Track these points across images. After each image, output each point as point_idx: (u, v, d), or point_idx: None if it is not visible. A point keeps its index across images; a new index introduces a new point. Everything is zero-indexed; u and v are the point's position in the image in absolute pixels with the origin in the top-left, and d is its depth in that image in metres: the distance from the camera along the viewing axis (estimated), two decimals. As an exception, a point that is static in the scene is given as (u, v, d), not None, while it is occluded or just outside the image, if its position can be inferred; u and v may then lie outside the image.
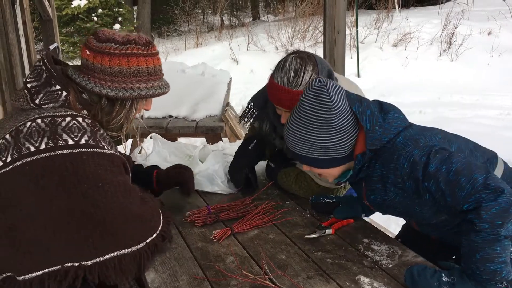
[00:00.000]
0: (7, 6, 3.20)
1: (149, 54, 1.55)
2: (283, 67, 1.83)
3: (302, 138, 1.53)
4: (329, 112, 1.48)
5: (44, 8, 4.83)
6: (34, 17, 6.61)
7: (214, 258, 1.59)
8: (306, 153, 1.55)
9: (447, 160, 1.36)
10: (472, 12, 11.44)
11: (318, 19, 11.01)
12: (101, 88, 1.49)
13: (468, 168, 1.33)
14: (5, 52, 3.24)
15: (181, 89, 4.16)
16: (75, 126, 1.42)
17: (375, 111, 1.53)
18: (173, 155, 2.39)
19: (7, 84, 3.26)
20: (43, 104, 1.47)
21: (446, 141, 1.53)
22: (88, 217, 1.38)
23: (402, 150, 1.45)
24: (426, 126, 1.62)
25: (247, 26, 12.99)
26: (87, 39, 1.54)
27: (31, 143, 1.38)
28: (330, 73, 1.91)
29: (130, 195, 1.47)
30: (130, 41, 1.51)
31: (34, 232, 1.35)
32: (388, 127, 1.51)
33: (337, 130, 1.50)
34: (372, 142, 1.50)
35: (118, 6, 12.33)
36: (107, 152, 1.45)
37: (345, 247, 1.65)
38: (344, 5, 3.37)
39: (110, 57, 1.49)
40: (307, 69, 1.80)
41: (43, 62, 1.51)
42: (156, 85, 1.58)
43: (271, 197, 2.09)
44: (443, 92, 7.64)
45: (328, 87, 1.49)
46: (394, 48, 9.83)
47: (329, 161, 1.56)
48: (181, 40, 13.59)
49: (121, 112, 1.56)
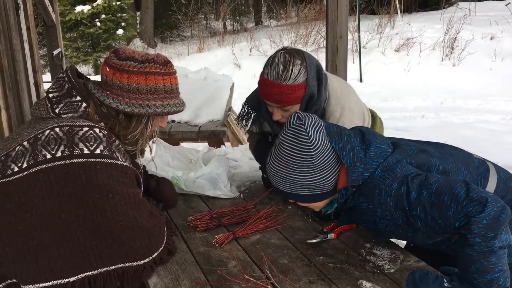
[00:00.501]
0: (11, 12, 3.22)
1: (167, 73, 1.58)
2: (272, 62, 1.86)
3: (284, 176, 1.52)
4: (309, 152, 1.46)
5: (48, 14, 4.86)
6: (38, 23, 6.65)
7: (216, 262, 1.60)
8: (289, 190, 1.55)
9: (425, 183, 1.37)
10: (474, 17, 11.45)
11: (320, 24, 11.04)
12: (118, 104, 1.52)
13: (448, 185, 1.33)
14: (9, 57, 3.25)
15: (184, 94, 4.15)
16: (91, 136, 1.45)
17: (356, 144, 1.50)
18: (176, 159, 2.40)
19: (11, 89, 3.28)
20: (63, 113, 1.50)
21: (430, 163, 1.50)
22: (96, 227, 1.39)
23: (382, 184, 1.44)
24: (409, 144, 1.56)
25: (249, 31, 13.05)
26: (108, 57, 1.58)
27: (47, 150, 1.40)
28: (319, 68, 1.93)
29: (140, 208, 1.48)
30: (149, 60, 1.54)
31: (43, 239, 1.36)
32: (369, 161, 1.48)
33: (318, 169, 1.48)
34: (354, 179, 1.48)
35: (121, 12, 12.38)
36: (120, 164, 1.47)
37: (347, 252, 1.65)
38: (346, 10, 3.38)
39: (129, 75, 1.52)
40: (295, 63, 1.84)
41: (66, 74, 1.55)
42: (172, 103, 1.60)
43: (273, 202, 2.09)
44: (445, 97, 7.64)
45: (306, 126, 1.47)
46: (397, 53, 9.84)
47: (313, 197, 1.55)
48: (184, 45, 13.64)
49: (137, 128, 1.58)
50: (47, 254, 1.36)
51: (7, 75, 3.22)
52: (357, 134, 1.56)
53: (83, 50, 12.15)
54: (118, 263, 1.44)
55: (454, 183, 1.34)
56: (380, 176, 1.45)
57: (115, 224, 1.41)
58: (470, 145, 4.39)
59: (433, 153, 1.55)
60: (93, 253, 1.40)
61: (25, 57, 3.38)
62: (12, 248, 1.35)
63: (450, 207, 1.30)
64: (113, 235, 1.41)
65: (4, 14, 3.16)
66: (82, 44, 12.16)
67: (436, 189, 1.33)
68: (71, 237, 1.38)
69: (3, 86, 3.17)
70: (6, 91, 3.22)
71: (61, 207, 1.37)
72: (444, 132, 5.53)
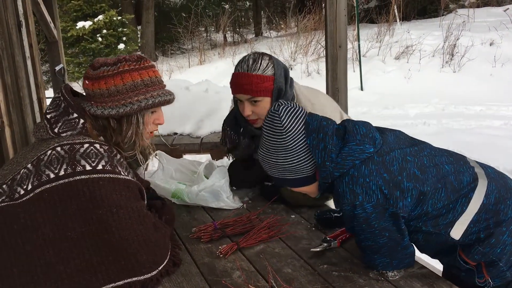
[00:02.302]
0: (14, 29, 3.26)
1: (142, 67, 1.57)
2: (242, 60, 2.05)
3: (268, 161, 1.57)
4: (281, 136, 1.51)
5: (50, 30, 4.91)
6: (40, 39, 6.72)
7: (221, 273, 1.60)
8: (276, 174, 1.59)
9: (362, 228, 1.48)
10: (473, 23, 11.49)
11: (320, 33, 11.10)
12: (102, 110, 1.52)
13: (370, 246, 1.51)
14: (12, 74, 3.28)
15: (186, 106, 4.19)
16: (92, 152, 1.46)
17: (330, 143, 1.49)
18: (179, 172, 2.41)
19: (14, 106, 3.30)
20: (62, 132, 1.51)
21: (409, 178, 1.48)
22: (102, 242, 1.40)
23: (341, 199, 1.49)
24: (392, 154, 1.53)
25: (250, 42, 13.12)
26: (86, 72, 1.59)
27: (50, 170, 1.41)
28: (286, 69, 2.07)
29: (145, 222, 1.49)
30: (121, 60, 1.55)
31: (49, 259, 1.37)
32: (340, 162, 1.49)
33: (293, 152, 1.51)
34: (324, 177, 1.51)
35: (122, 26, 12.48)
36: (123, 178, 1.48)
37: (351, 260, 1.65)
38: (344, 20, 3.41)
39: (105, 80, 1.52)
40: (264, 58, 2.02)
41: (61, 93, 1.57)
42: (156, 94, 1.58)
43: (276, 211, 2.10)
44: (447, 104, 7.65)
45: (280, 111, 1.52)
46: (397, 61, 9.88)
47: (298, 181, 1.57)
48: (184, 58, 13.72)
49: (129, 128, 1.58)
50: (54, 273, 1.37)
51: (10, 91, 3.25)
52: (340, 131, 1.56)
53: (85, 66, 12.22)
54: (125, 278, 1.44)
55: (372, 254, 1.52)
56: (343, 190, 1.48)
57: (120, 239, 1.41)
58: (472, 151, 4.39)
59: (413, 173, 1.50)
60: (100, 270, 1.41)
61: (27, 73, 3.41)
62: (19, 269, 1.36)
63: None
64: (119, 250, 1.42)
65: (7, 31, 3.19)
66: (84, 59, 12.24)
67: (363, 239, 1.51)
68: (77, 255, 1.39)
69: (6, 103, 3.20)
70: (10, 108, 3.24)
71: (66, 226, 1.38)
72: (446, 139, 5.54)
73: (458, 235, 1.50)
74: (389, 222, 1.46)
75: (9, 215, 1.38)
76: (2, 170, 1.56)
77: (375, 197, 1.43)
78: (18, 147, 3.30)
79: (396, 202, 1.45)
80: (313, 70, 9.93)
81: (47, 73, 10.84)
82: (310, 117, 1.57)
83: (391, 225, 1.46)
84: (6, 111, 3.18)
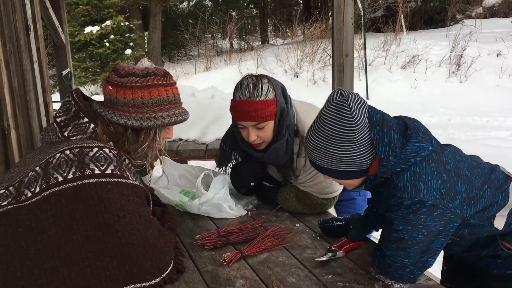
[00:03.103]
0: (22, 33, 3.27)
1: (168, 84, 1.60)
2: (241, 85, 1.99)
3: (323, 151, 1.53)
4: (351, 127, 1.47)
5: (58, 35, 4.94)
6: (47, 43, 6.75)
7: (224, 281, 1.58)
8: (327, 165, 1.56)
9: (412, 228, 1.48)
10: (480, 34, 11.49)
11: (326, 42, 11.11)
12: (126, 120, 1.53)
13: (407, 248, 1.50)
14: (19, 78, 3.30)
15: (191, 112, 4.16)
16: (102, 156, 1.46)
17: (394, 138, 1.50)
18: (183, 178, 2.40)
19: (21, 109, 3.31)
20: (72, 136, 1.51)
21: (456, 179, 1.53)
22: (107, 247, 1.40)
23: (400, 193, 1.48)
24: (449, 151, 1.60)
25: (256, 49, 13.15)
26: (109, 76, 1.59)
27: (59, 173, 1.41)
28: (283, 88, 2.06)
29: (151, 228, 1.48)
30: (150, 74, 1.56)
31: (54, 262, 1.36)
32: (404, 157, 1.49)
33: (358, 144, 1.49)
34: (384, 171, 1.50)
35: (130, 32, 12.57)
36: (131, 183, 1.48)
37: (356, 270, 1.64)
38: (351, 29, 3.41)
39: (132, 90, 1.53)
40: (263, 82, 1.98)
41: (72, 97, 1.57)
42: (177, 112, 1.62)
43: (280, 219, 2.08)
44: (453, 114, 7.63)
45: (349, 101, 1.48)
46: (403, 70, 9.87)
47: (348, 173, 1.56)
48: (191, 64, 13.77)
49: (146, 141, 1.59)
50: (58, 277, 1.36)
51: (17, 95, 3.26)
52: (400, 127, 1.57)
53: (91, 70, 12.31)
54: (129, 284, 1.43)
55: (412, 256, 1.50)
56: (403, 185, 1.48)
57: (126, 244, 1.41)
58: (478, 161, 4.35)
59: (465, 174, 1.55)
60: (104, 275, 1.40)
61: (34, 77, 3.43)
62: (23, 272, 1.35)
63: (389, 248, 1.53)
64: (124, 255, 1.41)
65: (15, 35, 3.21)
66: (91, 64, 12.33)
67: (400, 239, 1.50)
68: (82, 259, 1.38)
69: (12, 106, 3.21)
70: (16, 111, 3.26)
71: (72, 229, 1.37)
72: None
73: (501, 225, 1.58)
74: (434, 221, 1.47)
75: (14, 218, 1.38)
76: (9, 172, 1.56)
77: (435, 195, 1.46)
78: (23, 150, 3.30)
79: (448, 203, 1.48)
80: (319, 78, 9.94)
81: (54, 77, 10.92)
82: (371, 109, 1.56)
83: (435, 224, 1.48)
84: (12, 114, 3.19)
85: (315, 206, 2.10)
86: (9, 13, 3.16)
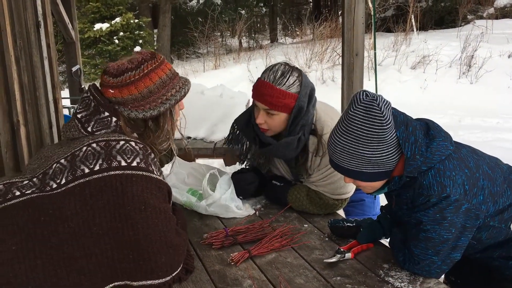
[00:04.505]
0: (32, 29, 3.28)
1: (160, 63, 1.61)
2: (271, 68, 2.01)
3: (351, 152, 1.52)
4: (381, 127, 1.48)
5: (68, 31, 4.95)
6: (57, 40, 6.79)
7: (232, 281, 1.57)
8: (353, 167, 1.55)
9: (439, 225, 1.50)
10: (491, 35, 11.38)
11: (336, 41, 11.07)
12: (144, 113, 1.56)
13: (437, 244, 1.52)
14: (29, 74, 3.31)
15: (200, 110, 4.18)
16: (128, 149, 1.48)
17: (419, 137, 1.52)
18: (191, 176, 2.39)
19: (30, 105, 3.32)
20: (96, 130, 1.53)
21: (479, 174, 1.55)
22: (126, 239, 1.40)
23: (426, 191, 1.49)
24: (465, 150, 1.63)
25: (265, 48, 13.12)
26: (102, 80, 1.58)
27: (86, 165, 1.43)
28: (312, 90, 2.02)
29: (170, 224, 1.49)
30: (141, 62, 1.57)
31: (73, 252, 1.37)
32: (430, 156, 1.50)
33: (388, 145, 1.50)
34: (411, 170, 1.51)
35: (139, 29, 12.60)
36: (155, 177, 1.49)
37: (365, 272, 1.62)
38: (362, 28, 3.38)
39: (134, 84, 1.54)
40: (293, 74, 1.97)
41: (90, 92, 1.58)
42: (182, 84, 1.65)
43: (289, 220, 2.07)
44: (463, 115, 7.56)
45: (378, 101, 1.49)
46: (413, 71, 9.80)
47: (374, 175, 1.56)
48: (200, 62, 13.76)
49: (166, 123, 1.63)
50: (76, 267, 1.37)
51: (27, 91, 3.27)
52: (422, 127, 1.58)
53: (101, 67, 12.34)
54: (141, 280, 1.43)
55: (441, 254, 1.52)
56: (429, 182, 1.49)
57: (144, 237, 1.41)
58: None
59: (486, 171, 1.58)
60: (120, 267, 1.41)
61: (44, 73, 3.43)
62: (43, 261, 1.35)
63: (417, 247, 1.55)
64: (140, 248, 1.41)
65: (25, 31, 3.22)
66: (100, 61, 12.37)
67: (429, 237, 1.51)
68: (100, 250, 1.39)
69: (22, 102, 3.22)
70: (26, 107, 3.26)
71: (93, 220, 1.38)
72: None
73: None
74: (460, 218, 1.49)
75: (38, 207, 1.39)
76: (30, 164, 1.58)
77: (459, 190, 1.48)
78: (32, 147, 3.31)
79: (471, 198, 1.50)
80: (328, 77, 9.90)
81: (63, 74, 10.97)
82: (394, 109, 1.57)
83: (461, 221, 1.49)
84: (22, 110, 3.20)
85: (326, 207, 2.08)
86: (19, 9, 3.17)
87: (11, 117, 3.14)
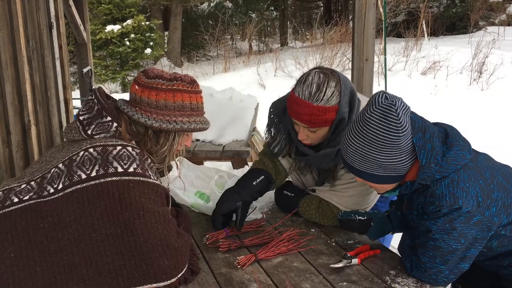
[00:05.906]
0: (45, 31, 3.32)
1: (193, 91, 1.62)
2: (305, 80, 1.79)
3: (363, 154, 1.51)
4: (397, 133, 1.45)
5: (80, 33, 5.00)
6: (69, 41, 6.84)
7: (238, 284, 1.58)
8: (364, 168, 1.54)
9: (448, 236, 1.48)
10: (503, 42, 11.31)
11: (346, 46, 11.04)
12: (146, 119, 1.55)
13: (444, 254, 1.51)
14: (41, 74, 3.34)
15: (209, 113, 4.18)
16: (125, 155, 1.47)
17: (436, 145, 1.49)
18: (199, 179, 2.40)
19: (41, 105, 3.36)
20: (95, 134, 1.53)
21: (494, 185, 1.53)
22: (126, 245, 1.40)
23: (438, 201, 1.47)
24: (482, 158, 1.61)
25: (275, 52, 13.14)
26: (137, 76, 1.63)
27: (82, 171, 1.43)
28: (353, 93, 1.85)
29: (169, 227, 1.49)
30: (177, 78, 1.59)
31: (72, 259, 1.37)
32: (445, 165, 1.48)
33: (401, 151, 1.48)
34: (424, 178, 1.49)
35: (150, 31, 12.66)
36: (152, 182, 1.49)
37: (371, 278, 1.61)
38: (372, 33, 3.38)
39: (157, 92, 1.56)
40: (330, 85, 1.77)
41: (95, 96, 1.59)
42: (198, 120, 1.64)
43: (295, 224, 2.06)
44: (473, 122, 7.50)
45: (396, 106, 1.45)
46: (423, 76, 9.75)
47: (384, 178, 1.55)
48: (209, 64, 13.81)
49: (165, 144, 1.61)
50: (76, 274, 1.37)
51: (38, 91, 3.31)
52: (441, 133, 1.55)
53: (111, 68, 12.43)
54: (145, 284, 1.43)
55: (449, 264, 1.51)
56: (442, 192, 1.47)
57: (145, 242, 1.41)
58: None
59: (501, 181, 1.55)
60: (121, 274, 1.41)
61: (56, 74, 3.47)
62: (43, 268, 1.36)
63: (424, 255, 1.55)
64: (142, 253, 1.41)
65: (38, 32, 3.26)
66: (111, 62, 12.45)
67: (436, 246, 1.51)
68: (100, 257, 1.39)
69: (33, 102, 3.26)
70: (37, 107, 3.30)
71: (92, 227, 1.38)
72: (471, 158, 5.41)
73: None
74: (472, 229, 1.47)
75: (36, 213, 1.39)
76: (30, 168, 1.58)
77: (472, 202, 1.46)
78: (43, 146, 3.35)
79: (484, 210, 1.47)
80: (337, 82, 9.85)
81: (74, 75, 11.04)
82: (413, 114, 1.54)
83: (473, 233, 1.47)
84: (33, 110, 3.24)
85: (336, 219, 2.00)
86: (32, 10, 3.20)
87: (23, 118, 3.18)
